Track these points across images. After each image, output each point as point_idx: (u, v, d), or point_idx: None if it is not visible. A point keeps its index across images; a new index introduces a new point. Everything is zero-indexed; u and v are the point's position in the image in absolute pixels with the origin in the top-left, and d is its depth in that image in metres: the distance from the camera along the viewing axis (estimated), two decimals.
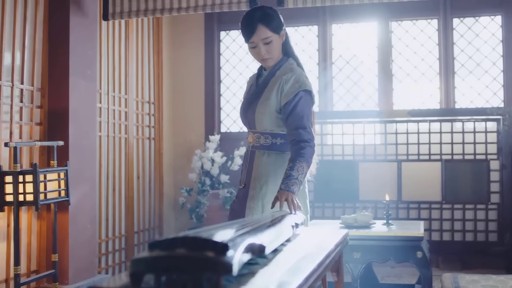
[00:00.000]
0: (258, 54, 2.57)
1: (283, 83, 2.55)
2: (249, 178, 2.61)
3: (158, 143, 6.28)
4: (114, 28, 5.45)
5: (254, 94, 2.66)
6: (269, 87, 2.59)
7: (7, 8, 3.98)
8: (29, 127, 4.19)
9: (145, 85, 6.05)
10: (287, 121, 2.53)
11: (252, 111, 2.62)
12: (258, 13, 2.55)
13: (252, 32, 2.52)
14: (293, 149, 2.47)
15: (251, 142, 2.67)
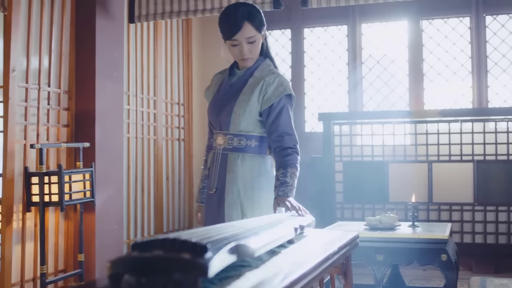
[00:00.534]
0: (240, 52, 2.45)
1: (266, 85, 2.46)
2: (222, 182, 2.49)
3: (188, 145, 6.31)
4: (142, 30, 5.51)
5: (228, 94, 2.54)
6: (248, 87, 2.49)
7: (34, 12, 4.05)
8: (56, 129, 4.26)
9: (174, 87, 6.09)
10: (272, 125, 2.45)
11: (227, 111, 2.50)
12: (243, 10, 2.42)
13: (238, 30, 2.40)
14: (280, 154, 2.43)
15: (221, 144, 2.53)
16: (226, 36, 2.44)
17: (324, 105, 6.38)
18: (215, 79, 2.70)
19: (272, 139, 2.46)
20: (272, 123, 2.44)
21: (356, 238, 2.20)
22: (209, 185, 2.56)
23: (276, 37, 6.58)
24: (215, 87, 2.65)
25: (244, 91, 2.49)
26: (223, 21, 2.45)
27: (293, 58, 6.48)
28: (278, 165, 2.42)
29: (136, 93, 5.36)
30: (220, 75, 2.69)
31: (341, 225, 4.24)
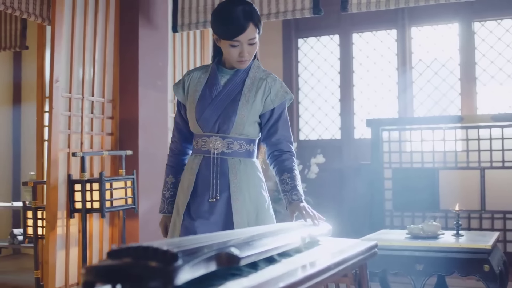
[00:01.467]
0: (240, 54, 2.28)
1: (269, 86, 2.37)
2: (226, 189, 2.32)
3: None
4: (189, 38, 5.57)
5: (224, 94, 2.36)
6: (247, 88, 2.36)
7: (77, 23, 4.17)
8: (100, 137, 4.36)
9: None
10: (271, 128, 2.38)
11: (229, 113, 2.33)
12: (246, 9, 2.26)
13: (242, 30, 2.23)
14: (280, 158, 2.38)
15: (218, 148, 2.34)
16: (226, 36, 2.25)
17: (373, 111, 6.28)
18: (192, 76, 2.43)
19: (270, 142, 2.39)
20: (272, 126, 2.38)
21: (374, 248, 2.14)
22: (201, 193, 2.33)
23: (324, 43, 6.53)
24: (197, 86, 2.40)
25: (245, 91, 2.35)
26: (224, 21, 2.25)
27: (342, 64, 6.41)
28: (281, 169, 2.37)
29: None
30: (197, 72, 2.45)
31: (383, 233, 4.15)
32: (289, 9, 4.34)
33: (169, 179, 2.51)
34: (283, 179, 2.35)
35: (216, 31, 2.31)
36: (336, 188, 6.19)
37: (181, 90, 2.43)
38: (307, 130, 6.57)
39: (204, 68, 2.47)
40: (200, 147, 2.37)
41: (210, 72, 2.42)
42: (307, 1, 4.28)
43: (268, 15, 4.41)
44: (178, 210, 2.40)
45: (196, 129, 2.38)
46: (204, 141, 2.36)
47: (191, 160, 2.41)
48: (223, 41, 2.27)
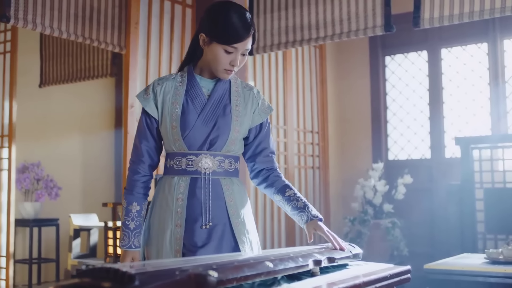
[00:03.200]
0: (231, 62, 2.06)
1: (256, 98, 2.22)
2: (222, 213, 2.12)
3: (324, 172, 6.28)
4: (270, 60, 5.63)
5: (213, 107, 2.13)
6: (235, 99, 2.18)
7: (152, 50, 4.34)
8: None
9: (307, 115, 6.13)
10: (260, 144, 2.22)
11: (222, 128, 2.11)
12: (249, 17, 2.07)
13: (244, 38, 2.03)
14: (274, 175, 2.23)
15: (207, 168, 2.10)
16: (224, 40, 2.02)
17: (464, 129, 6.01)
18: (165, 87, 2.15)
19: (260, 159, 2.22)
20: (260, 142, 2.22)
21: (406, 273, 2.04)
22: (193, 219, 2.09)
23: (412, 60, 6.36)
24: (175, 97, 2.13)
25: (233, 104, 2.17)
26: (228, 23, 2.03)
27: (431, 80, 6.20)
28: (280, 187, 2.21)
29: None
30: (170, 82, 2.16)
31: (462, 257, 3.96)
32: (361, 27, 4.29)
33: (132, 207, 2.13)
34: (289, 196, 2.19)
35: (210, 32, 2.05)
36: (425, 209, 5.96)
37: (152, 102, 2.13)
38: (396, 150, 6.40)
39: (176, 78, 2.18)
40: (185, 167, 2.10)
41: (188, 82, 2.16)
42: (379, 19, 4.21)
43: (340, 35, 4.38)
44: (158, 241, 2.12)
45: (179, 147, 2.10)
46: (190, 160, 2.10)
47: (171, 183, 2.12)
48: (216, 45, 2.04)
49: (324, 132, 6.33)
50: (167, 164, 2.16)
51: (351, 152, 6.50)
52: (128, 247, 2.10)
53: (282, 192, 2.21)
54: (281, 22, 4.69)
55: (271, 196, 2.26)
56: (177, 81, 2.16)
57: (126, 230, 2.11)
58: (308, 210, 2.17)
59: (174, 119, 2.10)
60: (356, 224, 5.82)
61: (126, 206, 2.13)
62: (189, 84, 2.15)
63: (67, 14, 3.88)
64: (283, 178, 2.25)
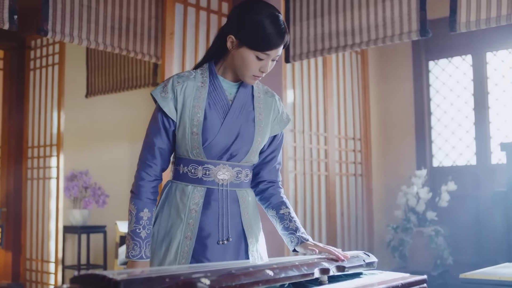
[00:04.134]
0: (261, 69, 1.96)
1: (277, 106, 2.13)
2: (237, 229, 2.04)
3: (367, 180, 6.22)
4: (309, 67, 5.63)
5: (237, 114, 2.02)
6: (258, 107, 2.07)
7: (187, 60, 4.41)
8: None
9: (348, 122, 6.08)
10: (270, 155, 2.14)
11: (246, 139, 2.01)
12: (284, 25, 1.97)
13: (279, 44, 1.94)
14: (275, 190, 2.16)
15: (226, 180, 2.01)
16: (258, 46, 1.91)
17: (511, 134, 5.84)
18: (186, 87, 2.00)
19: (266, 170, 2.14)
20: (271, 152, 2.14)
21: (422, 283, 2.01)
22: (208, 233, 1.99)
23: (456, 64, 6.23)
24: (197, 100, 1.99)
25: (257, 111, 2.05)
26: (266, 29, 1.91)
27: (476, 85, 6.06)
28: (277, 202, 2.13)
29: (303, 130, 5.47)
30: (191, 82, 2.01)
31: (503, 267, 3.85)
32: (396, 32, 4.25)
33: (143, 214, 1.97)
34: (283, 215, 2.10)
35: (242, 36, 1.93)
36: (470, 217, 5.83)
37: (171, 102, 1.98)
38: (440, 156, 6.27)
39: (196, 76, 2.04)
40: (201, 177, 1.99)
41: (211, 83, 2.03)
42: (414, 24, 4.16)
43: (375, 40, 4.34)
44: (162, 251, 2.02)
45: (196, 154, 1.99)
46: (207, 170, 1.99)
47: (184, 191, 2.01)
48: (247, 50, 1.93)
49: (366, 139, 6.26)
50: (179, 169, 2.03)
51: (394, 159, 6.41)
52: (139, 257, 1.94)
53: (277, 208, 2.12)
54: (317, 29, 4.69)
55: (265, 210, 2.17)
56: (198, 81, 2.02)
57: (136, 239, 1.95)
58: (299, 232, 2.06)
59: (195, 125, 1.97)
60: (398, 232, 5.73)
61: (136, 212, 1.97)
62: (211, 86, 2.02)
63: (104, 26, 3.99)
64: (282, 194, 2.17)
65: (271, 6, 1.99)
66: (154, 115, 2.03)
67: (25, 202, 6.41)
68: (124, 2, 4.10)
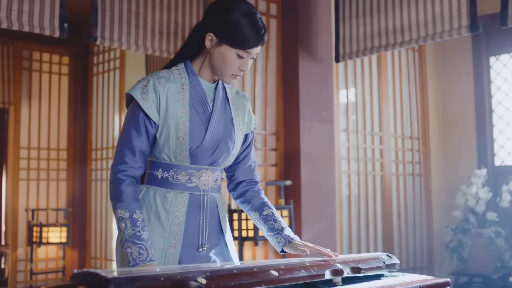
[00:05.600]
0: (241, 67, 1.93)
1: (248, 106, 2.13)
2: (217, 234, 2.03)
3: (426, 179, 6.09)
4: (363, 66, 5.57)
5: (218, 118, 1.98)
6: (234, 109, 2.06)
7: None
8: (263, 168, 4.58)
9: (405, 121, 5.98)
10: (242, 154, 2.11)
11: (227, 143, 1.99)
12: (263, 22, 1.94)
13: (260, 42, 1.91)
14: (255, 191, 2.13)
15: (208, 185, 1.98)
16: (239, 44, 1.88)
17: None
18: (168, 89, 1.92)
19: (240, 169, 2.11)
20: (244, 150, 2.12)
21: (444, 285, 1.96)
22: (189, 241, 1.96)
23: (504, 62, 6.02)
24: (180, 103, 1.93)
25: (233, 114, 2.05)
26: (246, 27, 1.88)
27: None
28: (259, 203, 2.09)
29: (357, 130, 5.42)
30: (172, 84, 1.94)
31: None
32: (446, 29, 4.15)
33: (137, 215, 1.87)
34: (267, 216, 2.05)
35: (222, 34, 1.90)
36: None
37: (153, 105, 1.90)
38: (502, 155, 6.06)
39: (175, 78, 1.97)
40: (184, 182, 1.95)
41: (191, 85, 1.98)
42: (464, 20, 4.05)
43: (425, 38, 4.26)
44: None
45: (181, 159, 1.94)
46: (191, 175, 1.95)
47: (165, 197, 1.95)
48: (228, 48, 1.90)
49: (425, 138, 6.13)
50: (156, 174, 1.96)
51: (454, 158, 6.24)
52: (149, 260, 1.82)
53: (259, 210, 2.08)
54: (366, 27, 4.64)
55: (247, 212, 2.14)
56: (178, 83, 1.96)
57: (139, 242, 1.83)
58: (285, 232, 2.02)
59: (182, 129, 1.91)
60: (457, 233, 5.58)
61: (128, 216, 1.85)
62: (192, 88, 1.97)
63: (152, 31, 4.09)
64: (262, 195, 2.13)
65: (249, 3, 1.97)
66: (134, 116, 1.92)
67: (89, 203, 6.66)
68: (172, 7, 4.19)
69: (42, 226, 6.27)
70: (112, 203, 1.90)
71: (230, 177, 2.15)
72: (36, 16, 3.52)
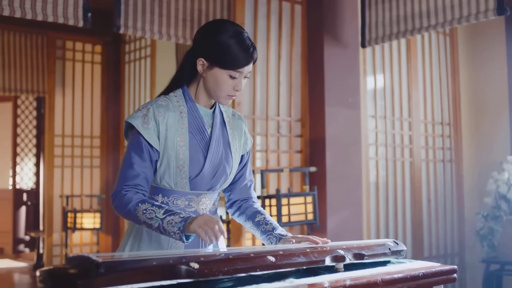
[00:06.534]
0: (235, 87, 1.97)
1: (244, 128, 2.18)
2: None
3: (457, 166, 6.00)
4: (391, 51, 5.50)
5: (217, 145, 2.04)
6: (231, 133, 2.12)
7: (259, 49, 4.46)
8: (288, 154, 4.59)
9: (436, 106, 5.89)
10: (238, 173, 2.18)
11: (226, 170, 2.07)
12: (251, 40, 2.00)
13: (250, 61, 1.96)
14: (248, 204, 2.19)
15: (206, 209, 2.05)
16: (229, 65, 1.93)
17: None
18: (168, 119, 1.97)
19: (236, 189, 2.18)
20: (239, 171, 2.19)
21: (450, 273, 1.95)
22: None
23: None
24: (180, 132, 1.98)
25: (231, 139, 2.11)
26: (235, 47, 1.93)
27: None
28: (251, 213, 2.15)
29: (385, 116, 5.37)
30: (171, 113, 1.99)
31: None
32: (472, 12, 4.07)
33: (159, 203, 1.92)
34: (259, 221, 2.10)
35: (212, 57, 1.95)
36: None
37: (154, 134, 1.95)
38: None
39: (174, 105, 2.01)
40: (184, 207, 2.01)
41: (189, 113, 2.03)
42: (491, 2, 3.97)
43: (451, 21, 4.19)
44: None
45: (182, 186, 1.99)
46: (190, 201, 2.02)
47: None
48: (219, 70, 1.95)
49: (456, 124, 6.04)
50: (156, 199, 2.01)
51: (486, 144, 6.13)
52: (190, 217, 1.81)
53: (252, 218, 2.13)
54: (392, 12, 4.58)
55: (244, 224, 2.18)
56: (177, 111, 2.00)
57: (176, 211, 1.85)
58: (276, 231, 2.05)
59: (182, 158, 1.96)
60: (489, 220, 5.49)
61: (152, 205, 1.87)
62: (190, 116, 2.03)
63: (176, 19, 4.13)
64: (256, 205, 2.19)
65: (235, 24, 2.02)
66: (137, 144, 1.96)
67: None
68: None
69: (76, 212, 6.41)
70: (126, 212, 1.90)
71: (227, 197, 2.21)
72: (60, 7, 3.60)
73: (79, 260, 1.36)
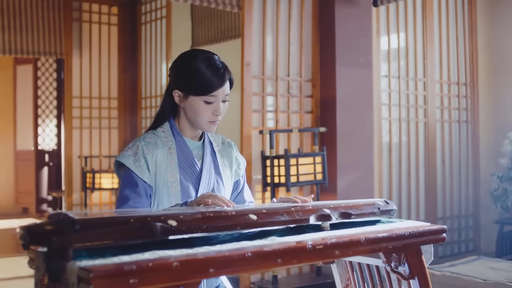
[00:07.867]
0: (214, 112, 1.96)
1: (235, 155, 2.17)
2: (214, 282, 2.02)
3: (473, 126, 5.94)
4: (406, 10, 5.41)
5: (207, 179, 2.03)
6: (221, 163, 2.11)
7: (268, 8, 4.44)
8: (298, 115, 4.59)
9: (452, 66, 5.80)
10: (241, 201, 2.18)
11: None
12: (222, 61, 1.99)
13: (222, 83, 1.95)
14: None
15: None
16: (201, 91, 1.93)
17: None
18: (157, 157, 1.96)
19: None
20: (236, 196, 2.19)
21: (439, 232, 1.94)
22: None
23: None
24: (170, 170, 1.97)
25: (221, 169, 2.10)
26: (202, 71, 1.93)
27: None
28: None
29: (399, 76, 5.31)
30: (160, 150, 1.97)
31: None
32: None
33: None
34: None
35: (185, 87, 1.96)
36: None
37: (146, 171, 1.94)
38: None
39: (162, 142, 2.00)
40: None
41: (178, 148, 2.02)
42: None
43: None
44: None
45: None
46: None
47: None
48: (194, 98, 1.95)
49: (473, 84, 5.95)
50: None
51: (504, 104, 6.04)
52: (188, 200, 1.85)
53: None
54: None
55: None
56: (165, 147, 1.99)
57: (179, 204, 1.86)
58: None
59: (173, 194, 1.97)
60: (503, 181, 5.46)
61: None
62: (179, 151, 2.02)
63: None
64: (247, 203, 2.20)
65: (205, 51, 2.01)
66: (131, 181, 1.94)
67: None
68: None
69: (94, 173, 6.51)
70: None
71: None
72: None
73: (57, 217, 1.40)
